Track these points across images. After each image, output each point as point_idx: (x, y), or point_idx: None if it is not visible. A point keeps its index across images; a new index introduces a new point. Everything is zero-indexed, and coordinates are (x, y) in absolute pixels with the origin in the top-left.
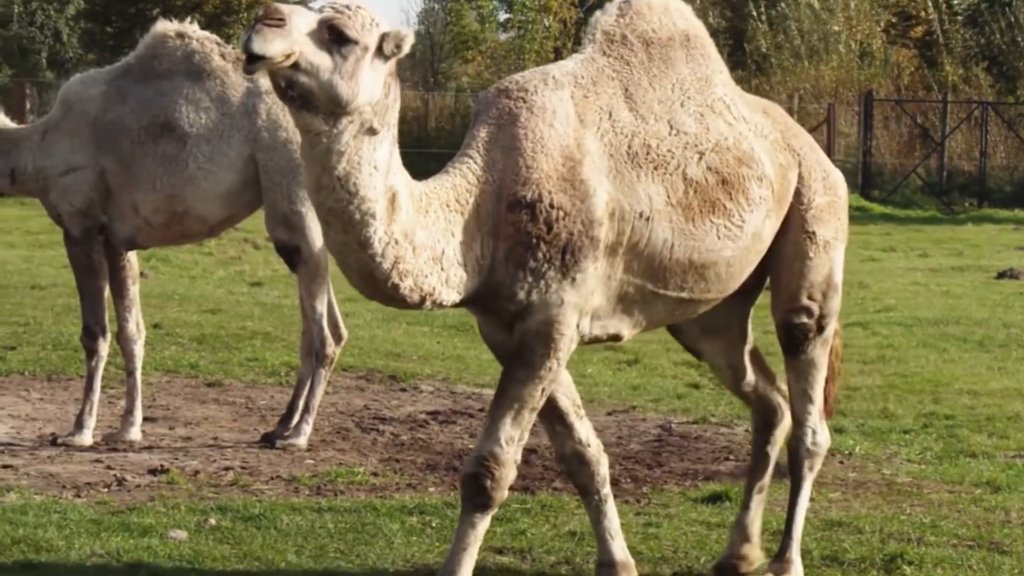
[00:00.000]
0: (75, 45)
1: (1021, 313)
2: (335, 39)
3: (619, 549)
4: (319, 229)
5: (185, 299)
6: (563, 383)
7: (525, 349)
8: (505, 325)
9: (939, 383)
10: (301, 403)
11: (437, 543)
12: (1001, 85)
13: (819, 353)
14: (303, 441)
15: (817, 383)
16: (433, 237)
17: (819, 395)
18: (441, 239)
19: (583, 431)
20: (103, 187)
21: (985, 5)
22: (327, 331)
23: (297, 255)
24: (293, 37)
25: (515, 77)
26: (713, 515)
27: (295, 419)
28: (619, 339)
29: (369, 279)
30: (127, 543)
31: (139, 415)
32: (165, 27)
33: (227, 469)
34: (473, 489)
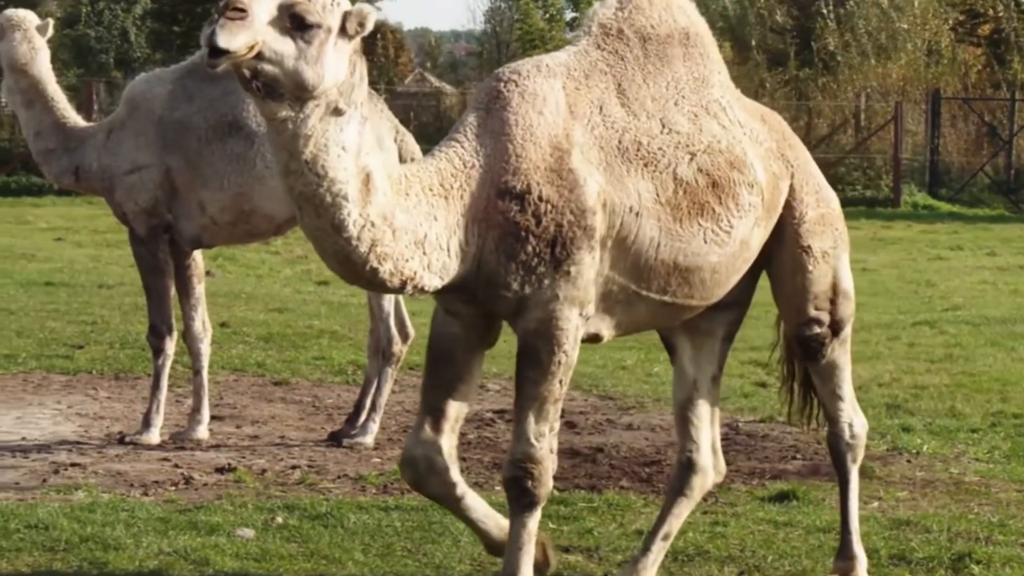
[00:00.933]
0: (142, 44)
1: None
2: (297, 25)
3: None
4: None
5: (252, 298)
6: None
7: (530, 349)
8: (479, 323)
9: (1007, 382)
10: (368, 401)
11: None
12: None
13: (839, 354)
14: (370, 440)
15: (844, 380)
16: (415, 220)
17: (848, 390)
18: (423, 222)
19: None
20: (169, 186)
21: None
22: (394, 329)
23: None
24: (255, 28)
25: (509, 64)
26: (780, 514)
27: (362, 417)
28: (599, 340)
29: (347, 263)
30: (194, 541)
31: (206, 413)
32: None
33: (294, 468)
34: (516, 491)
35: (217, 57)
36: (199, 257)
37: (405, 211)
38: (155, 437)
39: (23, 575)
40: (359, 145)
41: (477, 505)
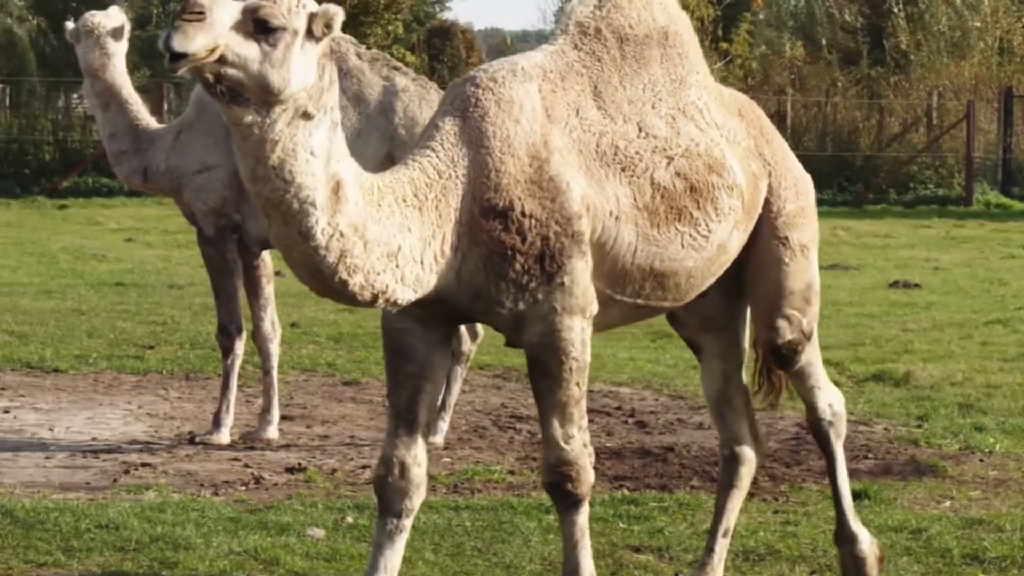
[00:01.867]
0: None
1: None
2: (261, 29)
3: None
4: None
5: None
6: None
7: (538, 362)
8: (430, 317)
9: None
10: (438, 401)
11: None
12: None
13: (812, 353)
14: (440, 439)
15: (818, 372)
16: (387, 232)
17: (822, 376)
18: (397, 234)
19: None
20: (237, 186)
21: None
22: (463, 329)
23: None
24: (216, 30)
25: (484, 66)
26: None
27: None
28: None
29: (316, 274)
30: (264, 541)
31: (276, 413)
32: None
33: (364, 467)
34: (559, 494)
35: (176, 61)
36: (268, 257)
37: (377, 222)
38: (225, 437)
39: (94, 575)
40: (329, 151)
41: (396, 555)
